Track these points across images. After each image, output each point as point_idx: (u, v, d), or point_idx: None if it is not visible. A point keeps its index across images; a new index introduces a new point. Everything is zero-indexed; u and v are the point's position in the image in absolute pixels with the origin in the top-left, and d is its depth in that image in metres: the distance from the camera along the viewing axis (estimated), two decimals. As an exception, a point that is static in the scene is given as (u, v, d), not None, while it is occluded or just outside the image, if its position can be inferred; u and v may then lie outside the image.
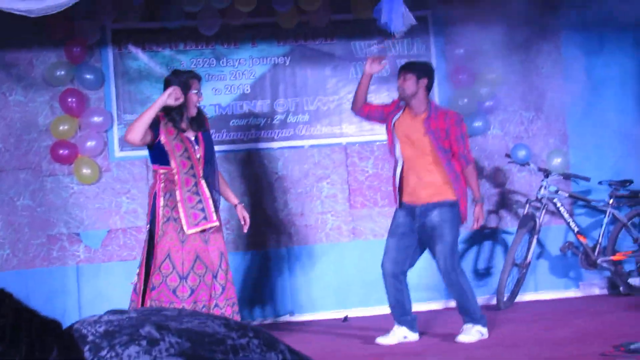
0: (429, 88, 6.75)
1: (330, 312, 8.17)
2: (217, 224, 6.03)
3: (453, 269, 6.67)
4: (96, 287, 7.93)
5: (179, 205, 5.91)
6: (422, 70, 6.72)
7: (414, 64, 6.92)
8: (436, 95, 8.61)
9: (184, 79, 6.07)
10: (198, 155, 6.07)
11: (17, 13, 5.63)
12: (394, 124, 6.72)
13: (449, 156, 6.60)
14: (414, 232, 6.70)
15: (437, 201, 6.60)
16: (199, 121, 6.22)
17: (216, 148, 8.16)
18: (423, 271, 8.41)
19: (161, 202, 5.95)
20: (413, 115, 6.69)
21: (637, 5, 8.48)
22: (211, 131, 7.87)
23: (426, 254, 8.08)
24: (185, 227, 5.89)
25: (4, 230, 7.88)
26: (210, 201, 6.03)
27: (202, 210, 5.97)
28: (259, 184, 8.32)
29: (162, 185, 5.99)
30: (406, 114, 6.73)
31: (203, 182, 6.06)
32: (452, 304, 8.37)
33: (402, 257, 6.74)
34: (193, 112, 6.13)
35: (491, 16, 8.62)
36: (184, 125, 6.10)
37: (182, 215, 5.90)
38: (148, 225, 6.02)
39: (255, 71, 8.38)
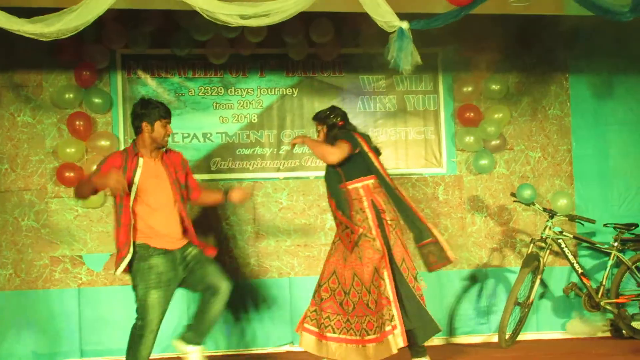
0: None
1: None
2: None
3: None
4: (97, 311, 7.91)
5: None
6: None
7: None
8: (442, 132, 8.64)
9: None
10: None
11: (29, 36, 5.66)
12: None
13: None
14: None
15: None
16: None
17: (221, 176, 8.26)
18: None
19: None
20: None
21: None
22: (217, 159, 8.04)
23: (434, 282, 8.12)
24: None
25: (8, 250, 7.88)
26: None
27: None
28: (263, 213, 8.32)
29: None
30: None
31: None
32: (455, 339, 8.37)
33: None
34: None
35: (500, 56, 8.67)
36: None
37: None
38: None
39: (263, 101, 8.41)
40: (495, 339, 8.12)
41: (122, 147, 8.06)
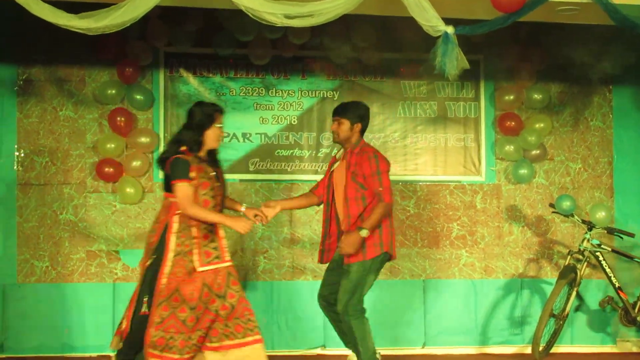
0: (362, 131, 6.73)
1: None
2: (229, 264, 5.96)
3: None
4: (131, 306, 7.95)
5: (194, 241, 5.84)
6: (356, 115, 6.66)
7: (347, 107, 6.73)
8: (482, 140, 8.59)
9: (208, 111, 6.03)
10: (219, 193, 6.04)
11: (76, 30, 5.71)
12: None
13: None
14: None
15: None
16: (216, 157, 6.19)
17: (259, 177, 8.27)
18: (457, 315, 8.36)
19: (173, 233, 5.85)
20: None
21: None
22: (255, 159, 8.07)
23: (469, 291, 8.08)
24: (197, 264, 5.82)
25: (45, 242, 7.95)
26: (224, 241, 5.98)
27: (215, 249, 5.92)
28: (300, 215, 8.31)
29: (177, 217, 5.87)
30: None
31: None
32: (487, 349, 8.31)
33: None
34: (215, 145, 6.08)
35: (543, 65, 8.61)
36: (203, 159, 6.03)
37: (195, 251, 5.83)
38: (154, 256, 5.87)
39: (303, 103, 8.42)
40: (528, 350, 8.04)
41: (162, 145, 8.12)
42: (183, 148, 5.94)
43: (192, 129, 5.98)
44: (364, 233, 6.31)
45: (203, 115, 6.00)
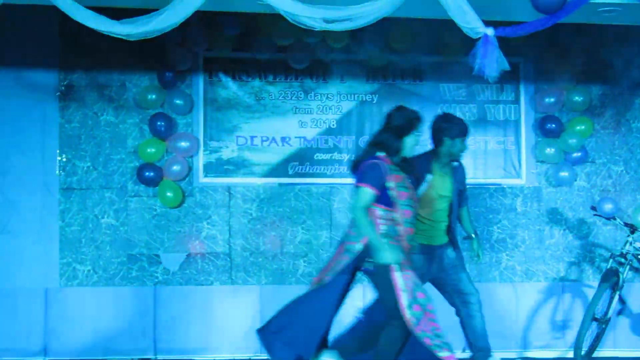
0: None
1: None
2: None
3: None
4: (172, 310, 7.99)
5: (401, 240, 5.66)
6: None
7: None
8: (523, 142, 8.53)
9: (410, 117, 5.82)
10: (416, 203, 5.84)
11: (116, 36, 5.75)
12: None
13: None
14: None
15: None
16: (409, 166, 5.91)
17: (299, 180, 8.27)
18: (498, 319, 8.30)
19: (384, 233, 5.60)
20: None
21: None
22: (295, 163, 8.08)
23: (510, 294, 7.99)
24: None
25: (87, 246, 8.03)
26: None
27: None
28: (340, 219, 8.30)
29: (382, 220, 5.62)
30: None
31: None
32: (529, 353, 8.24)
33: None
34: (409, 153, 5.82)
35: (583, 68, 8.54)
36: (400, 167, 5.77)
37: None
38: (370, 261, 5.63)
39: (342, 107, 8.41)
40: (570, 354, 7.95)
41: (202, 149, 8.16)
42: (381, 153, 5.73)
43: (392, 133, 5.75)
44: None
45: (404, 121, 5.78)
